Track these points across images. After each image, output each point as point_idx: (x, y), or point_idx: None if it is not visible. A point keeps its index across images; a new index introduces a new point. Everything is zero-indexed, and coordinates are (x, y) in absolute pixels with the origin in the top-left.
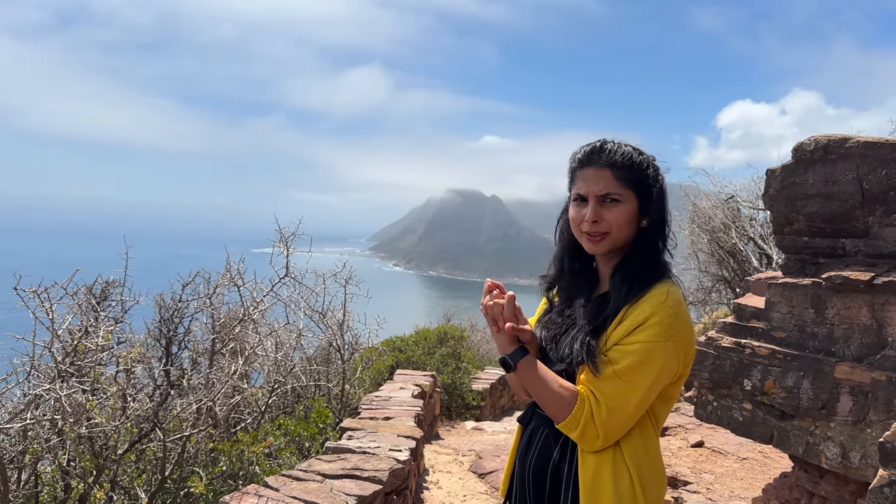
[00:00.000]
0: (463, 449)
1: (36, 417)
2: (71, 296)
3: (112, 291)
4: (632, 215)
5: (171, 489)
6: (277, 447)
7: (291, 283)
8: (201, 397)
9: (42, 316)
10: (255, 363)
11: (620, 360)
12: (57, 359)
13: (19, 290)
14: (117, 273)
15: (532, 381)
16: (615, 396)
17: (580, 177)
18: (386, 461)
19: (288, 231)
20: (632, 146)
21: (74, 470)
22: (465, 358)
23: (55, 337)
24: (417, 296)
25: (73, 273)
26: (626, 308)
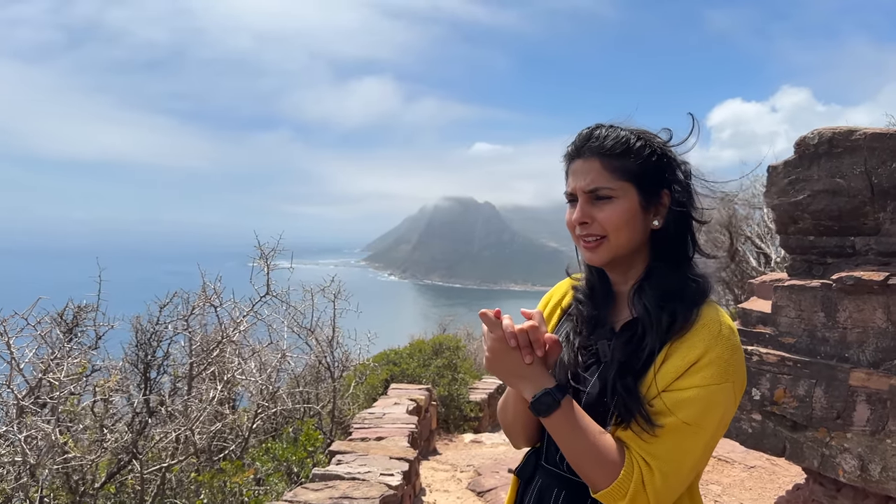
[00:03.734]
0: (461, 464)
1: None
2: (33, 326)
3: (85, 317)
4: (632, 214)
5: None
6: (265, 473)
7: (275, 301)
8: (179, 426)
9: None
10: (237, 387)
11: (674, 412)
12: (18, 395)
13: None
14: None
15: (570, 430)
16: (670, 458)
17: (570, 172)
18: (377, 487)
19: (268, 246)
20: (631, 129)
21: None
22: (462, 368)
23: (17, 371)
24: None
25: (35, 301)
26: (671, 343)
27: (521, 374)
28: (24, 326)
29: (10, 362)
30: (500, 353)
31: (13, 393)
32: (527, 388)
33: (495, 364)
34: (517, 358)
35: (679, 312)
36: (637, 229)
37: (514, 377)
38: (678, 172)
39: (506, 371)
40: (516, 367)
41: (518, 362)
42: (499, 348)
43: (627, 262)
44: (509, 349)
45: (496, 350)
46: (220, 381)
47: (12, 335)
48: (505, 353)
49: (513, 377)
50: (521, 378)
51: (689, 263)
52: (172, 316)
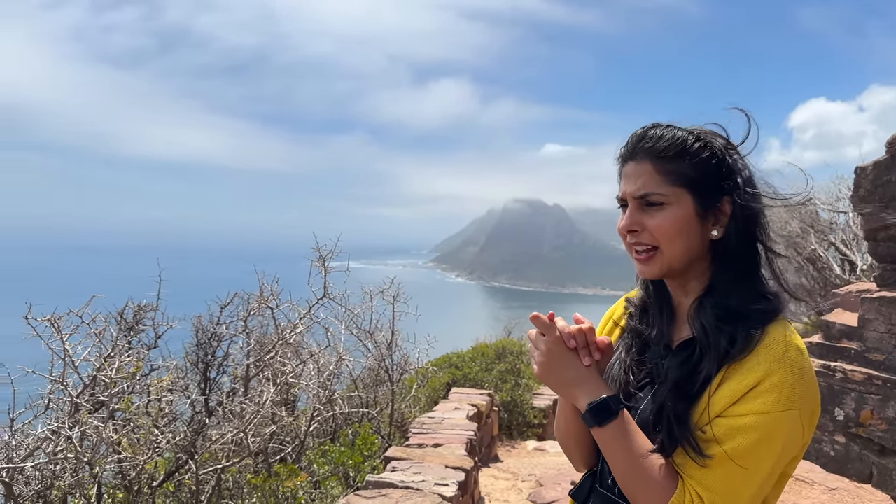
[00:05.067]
0: (522, 473)
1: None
2: (87, 324)
3: (144, 316)
4: (686, 222)
5: None
6: (322, 476)
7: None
8: (237, 426)
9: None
10: (294, 389)
11: (727, 440)
12: (72, 393)
13: (30, 319)
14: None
15: (623, 445)
16: (724, 490)
17: (622, 175)
18: (431, 498)
19: (326, 248)
20: (690, 129)
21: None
22: (526, 373)
23: (73, 369)
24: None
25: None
26: (730, 365)
27: (576, 380)
28: (79, 324)
29: (64, 359)
30: (556, 356)
31: (67, 391)
32: (582, 396)
33: (550, 369)
34: (574, 361)
35: (739, 334)
36: (693, 239)
37: (570, 384)
38: (742, 177)
39: (561, 377)
40: (573, 372)
41: (575, 365)
42: (555, 351)
43: (685, 275)
44: (566, 352)
45: (552, 353)
46: (273, 383)
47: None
48: (561, 356)
49: (568, 384)
50: (577, 384)
51: (757, 278)
52: (233, 316)
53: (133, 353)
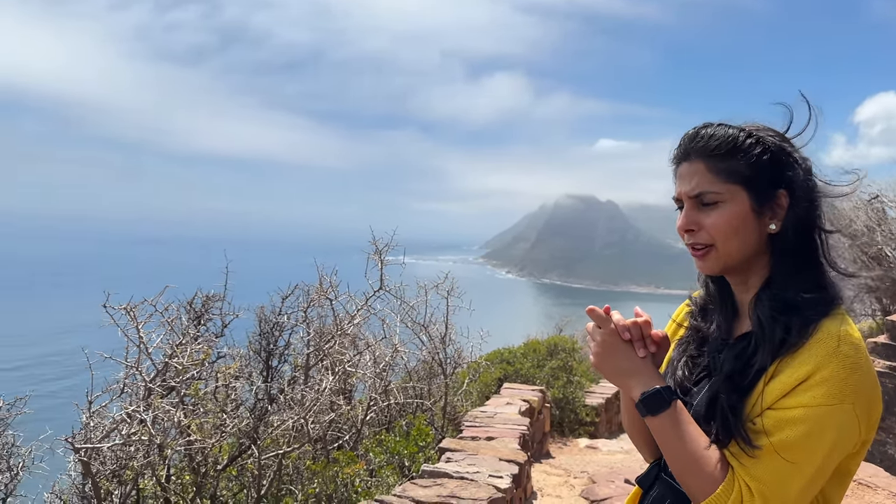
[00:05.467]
0: (575, 470)
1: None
2: (160, 313)
3: (212, 305)
4: (742, 219)
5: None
6: (378, 465)
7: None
8: (297, 414)
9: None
10: (351, 378)
11: (776, 432)
12: (146, 378)
13: (108, 307)
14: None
15: (675, 434)
16: (772, 481)
17: (677, 175)
18: (485, 489)
19: (382, 242)
20: (742, 126)
21: (174, 486)
22: (578, 371)
23: (146, 355)
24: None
25: (163, 289)
26: (782, 358)
27: (631, 371)
28: (153, 313)
29: (139, 346)
30: (611, 347)
31: (141, 376)
32: (636, 386)
33: (605, 359)
34: (629, 352)
35: (794, 326)
36: (749, 235)
37: (624, 374)
38: (798, 170)
39: (616, 367)
40: (628, 363)
41: (630, 356)
42: (610, 342)
43: (745, 270)
44: (621, 343)
45: (607, 344)
46: (332, 372)
47: (142, 321)
48: (616, 347)
49: (622, 374)
50: (632, 375)
51: (817, 270)
52: (294, 307)
53: (202, 340)
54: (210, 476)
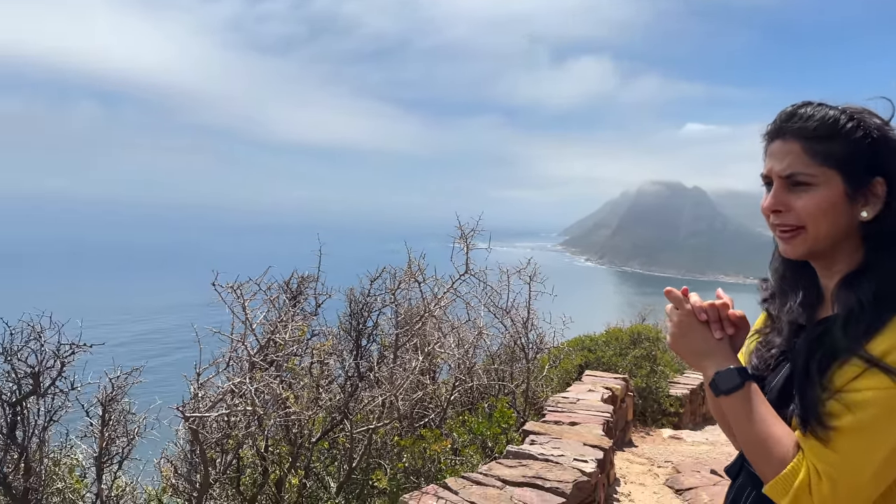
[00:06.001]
0: (658, 459)
1: (231, 407)
2: (264, 291)
3: (307, 286)
4: (834, 204)
5: (359, 480)
6: (461, 444)
7: (473, 280)
8: (385, 391)
9: (238, 311)
10: (437, 359)
11: (846, 414)
12: (250, 352)
13: (216, 285)
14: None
15: (747, 415)
16: (841, 464)
17: (768, 153)
18: (570, 472)
19: (468, 227)
20: (843, 108)
21: (272, 455)
22: (662, 360)
23: (250, 330)
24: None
25: (266, 269)
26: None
27: (706, 351)
28: (257, 291)
29: (244, 322)
30: (687, 328)
31: (246, 350)
32: (711, 366)
33: (681, 340)
34: (705, 333)
35: (874, 314)
36: (839, 221)
37: (700, 354)
38: None
39: (691, 348)
40: (703, 344)
41: (706, 337)
42: (686, 323)
43: (830, 255)
44: (697, 324)
45: (683, 325)
46: (421, 352)
47: (247, 298)
48: (692, 328)
49: (698, 355)
50: (707, 355)
51: None
52: (381, 289)
53: (302, 319)
54: (304, 447)
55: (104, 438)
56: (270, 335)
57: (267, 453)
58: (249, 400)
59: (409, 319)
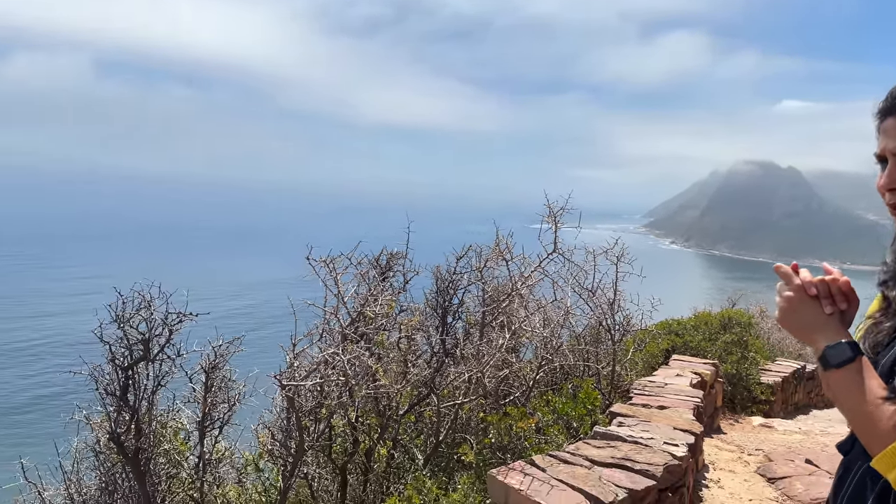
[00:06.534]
0: (749, 447)
1: (325, 377)
2: (355, 266)
3: (396, 262)
4: None
5: (445, 453)
6: (545, 423)
7: (559, 260)
8: (472, 367)
9: (331, 284)
10: (522, 338)
11: None
12: (342, 324)
13: (310, 260)
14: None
15: (856, 388)
16: None
17: (882, 130)
18: (660, 455)
19: (556, 206)
20: None
21: (362, 426)
22: (753, 347)
23: (342, 303)
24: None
25: (357, 244)
26: None
27: (816, 326)
28: (348, 266)
29: (336, 296)
30: (797, 303)
31: (339, 322)
32: (820, 339)
33: (790, 315)
34: (816, 308)
35: None
36: None
37: (809, 329)
38: None
39: (801, 323)
40: (813, 319)
41: (816, 313)
42: (796, 298)
43: None
44: (807, 299)
45: (793, 300)
46: (508, 329)
47: (339, 272)
48: (802, 303)
49: (808, 329)
50: (817, 330)
51: None
52: (467, 268)
53: (390, 295)
54: (392, 420)
55: (206, 404)
56: (361, 308)
57: (357, 423)
58: (341, 371)
59: (497, 297)
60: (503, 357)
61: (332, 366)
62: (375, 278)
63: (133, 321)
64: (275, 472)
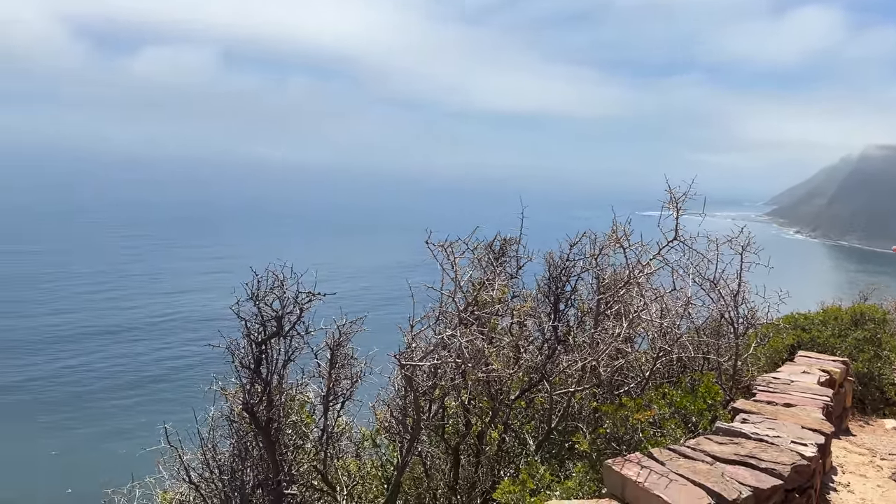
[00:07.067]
0: (881, 451)
1: (443, 358)
2: (471, 250)
3: (509, 248)
4: None
5: (556, 440)
6: (661, 417)
7: (680, 248)
8: (586, 356)
9: (448, 268)
10: (639, 327)
11: None
12: (459, 307)
13: (429, 244)
14: (515, 232)
15: None
16: None
17: None
18: (787, 454)
19: (678, 192)
20: None
21: (474, 409)
22: (887, 345)
23: (458, 287)
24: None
25: (473, 230)
26: None
27: None
28: (465, 251)
29: (453, 280)
30: None
31: (455, 305)
32: None
33: None
34: None
35: None
36: None
37: None
38: None
39: None
40: None
41: None
42: None
43: None
44: None
45: None
46: (625, 318)
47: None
48: None
49: None
50: None
51: None
52: (580, 254)
53: (504, 280)
54: (504, 404)
55: (331, 379)
56: (476, 293)
57: (470, 406)
58: (456, 353)
59: (613, 285)
60: (618, 346)
61: (447, 348)
62: (491, 263)
63: (267, 299)
64: (391, 449)
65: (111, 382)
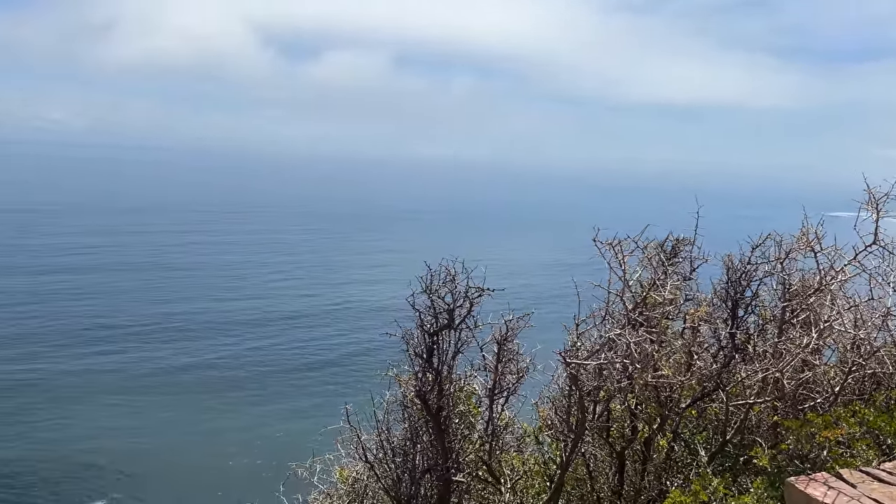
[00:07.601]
0: None
1: (609, 359)
2: (641, 249)
3: (681, 248)
4: None
5: (731, 454)
6: (851, 436)
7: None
8: (768, 366)
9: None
10: (829, 339)
11: None
12: (627, 307)
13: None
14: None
15: None
16: None
17: None
18: None
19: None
20: None
21: (641, 414)
22: None
23: (626, 287)
24: None
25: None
26: None
27: None
28: (634, 249)
29: (621, 278)
30: None
31: (624, 305)
32: None
33: None
34: None
35: None
36: None
37: None
38: None
39: None
40: None
41: None
42: None
43: None
44: None
45: None
46: (814, 328)
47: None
48: None
49: None
50: None
51: None
52: (763, 258)
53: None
54: (674, 412)
55: (497, 373)
56: (646, 294)
57: (637, 411)
58: (623, 355)
59: (802, 292)
60: (804, 358)
61: (613, 349)
62: (662, 263)
63: (440, 292)
64: (553, 447)
65: (290, 364)
